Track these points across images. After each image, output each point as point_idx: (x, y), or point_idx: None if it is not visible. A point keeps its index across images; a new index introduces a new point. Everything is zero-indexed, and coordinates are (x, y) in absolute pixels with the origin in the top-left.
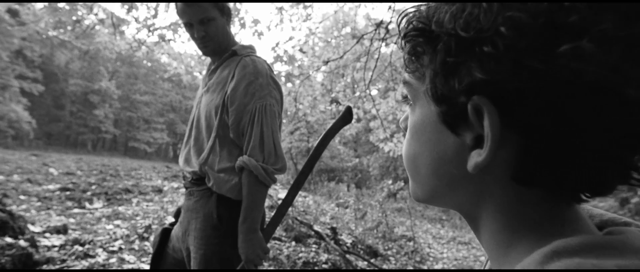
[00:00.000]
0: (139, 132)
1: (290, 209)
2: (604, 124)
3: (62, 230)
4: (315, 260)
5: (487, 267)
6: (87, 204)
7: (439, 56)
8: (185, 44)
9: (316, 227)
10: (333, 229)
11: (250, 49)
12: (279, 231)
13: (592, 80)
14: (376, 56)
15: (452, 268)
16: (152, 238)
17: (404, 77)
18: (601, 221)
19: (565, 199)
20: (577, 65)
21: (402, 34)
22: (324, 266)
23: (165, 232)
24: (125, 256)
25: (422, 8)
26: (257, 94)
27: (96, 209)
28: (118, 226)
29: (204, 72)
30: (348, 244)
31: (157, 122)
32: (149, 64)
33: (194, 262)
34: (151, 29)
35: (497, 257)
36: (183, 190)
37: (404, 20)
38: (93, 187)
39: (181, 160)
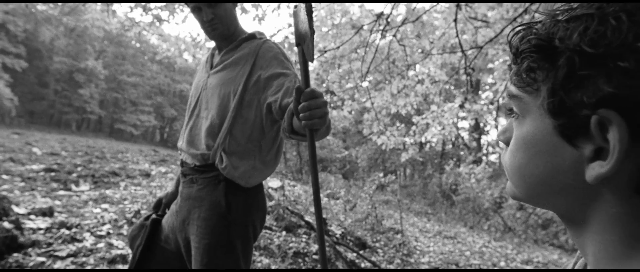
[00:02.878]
0: (126, 114)
1: (281, 198)
2: None
3: (47, 212)
4: (305, 250)
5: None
6: (73, 186)
7: (561, 71)
8: (179, 26)
9: (307, 218)
10: (324, 220)
11: (264, 35)
12: (269, 220)
13: None
14: (374, 48)
15: (439, 263)
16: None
17: (510, 90)
18: None
19: None
20: None
21: (516, 51)
22: (314, 256)
23: (155, 223)
24: (114, 241)
25: (538, 26)
26: (292, 67)
27: (83, 191)
28: (106, 209)
29: (204, 57)
30: (337, 235)
31: (144, 105)
32: (138, 45)
33: (196, 252)
34: (146, 8)
35: (607, 267)
36: (171, 175)
37: (516, 37)
38: (79, 168)
39: (183, 143)
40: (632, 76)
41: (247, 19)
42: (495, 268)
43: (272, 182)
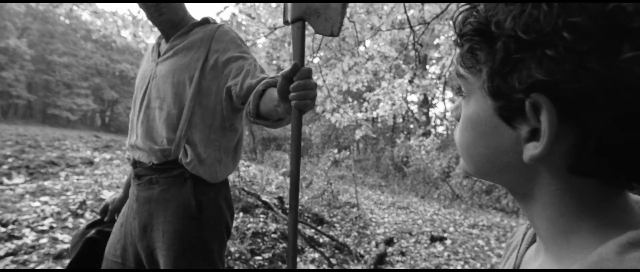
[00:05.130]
0: (60, 97)
1: (236, 179)
2: None
3: None
4: (264, 230)
5: (523, 246)
6: (4, 180)
7: (497, 55)
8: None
9: (263, 198)
10: (280, 199)
11: (217, 21)
12: None
13: None
14: None
15: (394, 232)
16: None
17: (457, 70)
18: None
19: (620, 186)
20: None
21: (459, 32)
22: (273, 235)
23: (91, 243)
24: (59, 235)
25: (480, 7)
26: (250, 52)
27: (17, 184)
28: (46, 202)
29: (149, 47)
30: None
31: (80, 87)
32: (68, 21)
33: (166, 261)
34: None
35: (556, 242)
36: (117, 162)
37: (460, 18)
38: (10, 159)
39: (136, 139)
40: (561, 63)
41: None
42: (485, 268)
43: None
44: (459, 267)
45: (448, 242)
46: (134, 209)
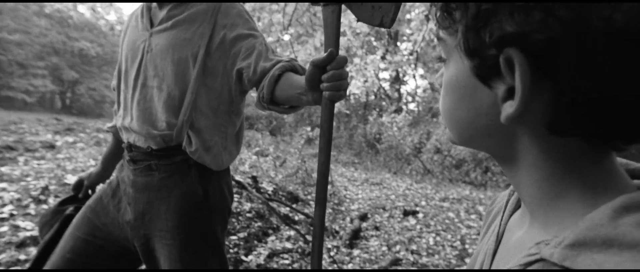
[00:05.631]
0: (13, 78)
1: None
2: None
3: None
4: (238, 210)
5: (506, 212)
6: None
7: (470, 11)
8: None
9: (237, 177)
10: (254, 178)
11: None
12: None
13: (623, 27)
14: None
15: (368, 208)
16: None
17: (437, 33)
18: (627, 169)
19: (604, 148)
20: (608, 13)
21: None
22: (248, 214)
23: (69, 220)
24: (20, 223)
25: None
26: (258, 28)
27: None
28: (4, 189)
29: (133, 12)
30: (269, 192)
31: (36, 67)
32: None
33: (172, 250)
34: None
35: (542, 208)
36: (81, 145)
37: None
38: None
39: (131, 121)
40: (530, 12)
41: None
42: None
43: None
44: (430, 240)
45: (420, 215)
46: (130, 195)
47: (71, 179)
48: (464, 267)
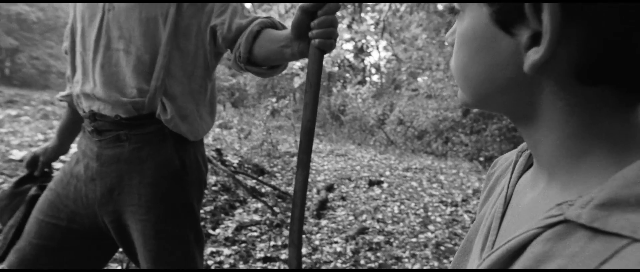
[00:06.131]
0: None
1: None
2: None
3: None
4: None
5: (515, 174)
6: None
7: None
8: None
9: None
10: (218, 151)
11: None
12: None
13: None
14: None
15: (334, 179)
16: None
17: None
18: None
19: (634, 100)
20: None
21: None
22: (214, 188)
23: (34, 200)
24: None
25: None
26: None
27: None
28: None
29: None
30: (235, 165)
31: None
32: None
33: (146, 225)
34: None
35: (564, 167)
36: (26, 118)
37: None
38: None
39: (94, 87)
40: None
41: None
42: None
43: None
44: (395, 209)
45: (385, 185)
46: (94, 169)
47: (18, 155)
48: (468, 232)
